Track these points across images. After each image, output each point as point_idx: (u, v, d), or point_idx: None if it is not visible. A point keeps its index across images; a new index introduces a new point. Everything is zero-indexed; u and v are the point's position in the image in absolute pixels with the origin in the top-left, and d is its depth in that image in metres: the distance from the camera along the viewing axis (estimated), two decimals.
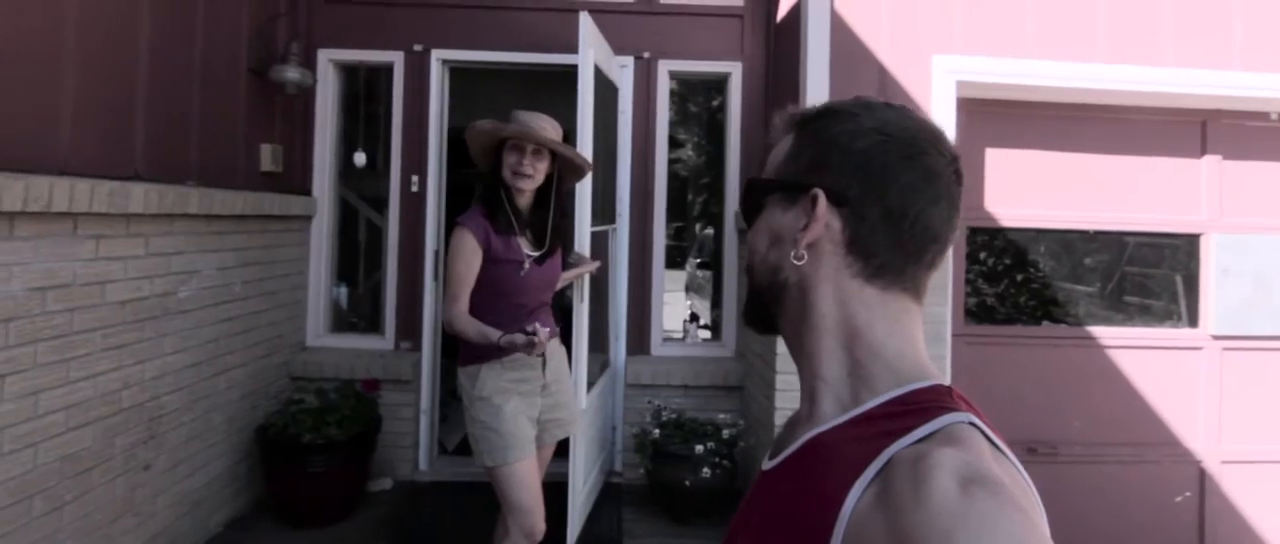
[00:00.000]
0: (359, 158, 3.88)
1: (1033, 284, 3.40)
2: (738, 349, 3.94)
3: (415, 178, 3.83)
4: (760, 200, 0.70)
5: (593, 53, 2.96)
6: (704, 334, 4.72)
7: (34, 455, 2.14)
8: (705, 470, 3.20)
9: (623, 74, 3.84)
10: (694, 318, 5.02)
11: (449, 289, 2.20)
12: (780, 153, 0.70)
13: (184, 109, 2.88)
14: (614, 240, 3.84)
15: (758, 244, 0.70)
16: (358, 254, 4.32)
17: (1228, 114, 3.31)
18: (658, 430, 3.40)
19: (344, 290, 4.12)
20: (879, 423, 0.58)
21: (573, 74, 2.91)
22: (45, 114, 2.22)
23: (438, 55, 3.81)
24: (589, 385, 3.02)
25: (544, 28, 3.79)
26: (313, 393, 3.34)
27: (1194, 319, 3.39)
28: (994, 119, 3.28)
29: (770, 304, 0.69)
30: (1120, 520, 3.28)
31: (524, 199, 2.29)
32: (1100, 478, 3.29)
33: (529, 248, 2.29)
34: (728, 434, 3.36)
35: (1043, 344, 3.35)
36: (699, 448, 3.23)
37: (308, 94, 3.72)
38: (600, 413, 3.52)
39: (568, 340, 2.70)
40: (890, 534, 0.47)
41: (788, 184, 0.67)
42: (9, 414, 2.06)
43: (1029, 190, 3.33)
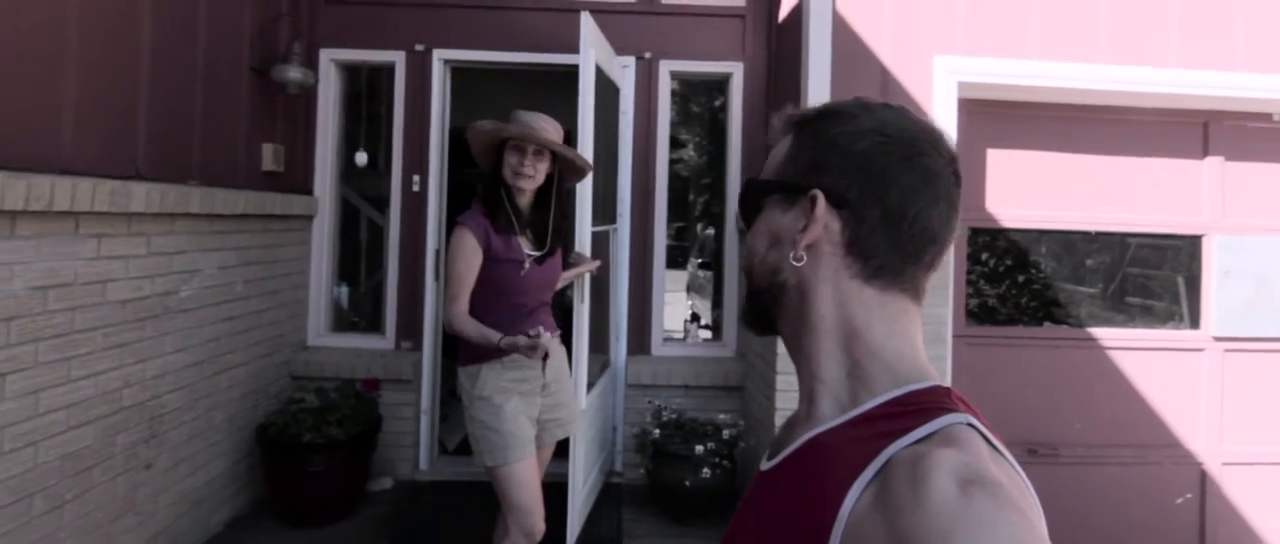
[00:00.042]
0: (360, 157, 3.89)
1: (1034, 285, 3.40)
2: (738, 349, 3.94)
3: (416, 177, 3.84)
4: (759, 201, 0.70)
5: (594, 53, 2.96)
6: (705, 334, 4.72)
7: (35, 454, 2.15)
8: (705, 471, 3.20)
9: (624, 74, 3.84)
10: (695, 318, 5.03)
11: (449, 288, 2.20)
12: (779, 154, 0.70)
13: (186, 108, 2.88)
14: (615, 240, 3.84)
15: (756, 245, 0.70)
16: (359, 254, 4.32)
17: (1230, 115, 3.31)
18: (658, 430, 3.40)
19: (345, 290, 4.12)
20: (877, 424, 0.58)
21: (574, 74, 2.91)
22: (47, 113, 2.22)
23: (439, 55, 3.82)
24: (589, 385, 3.02)
25: (545, 28, 3.79)
26: (313, 392, 3.34)
27: (1196, 320, 3.38)
28: (995, 120, 3.28)
29: (769, 305, 0.69)
30: (1121, 522, 3.28)
31: (524, 199, 2.30)
32: (1101, 479, 3.29)
33: (529, 247, 2.29)
34: (728, 434, 3.36)
35: (1044, 345, 3.34)
36: (699, 448, 3.23)
37: (309, 94, 3.73)
38: (600, 413, 3.52)
39: (568, 340, 2.70)
40: (889, 535, 0.47)
41: (787, 185, 0.67)
42: (10, 412, 2.06)
43: (1031, 191, 3.32)
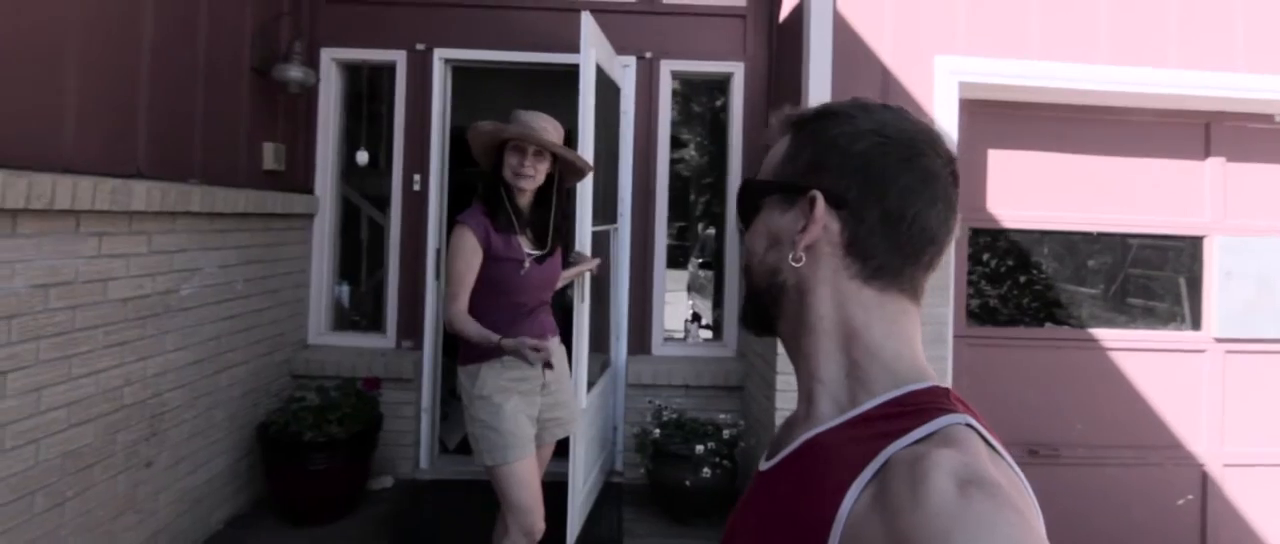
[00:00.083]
0: (361, 156, 3.89)
1: (1035, 286, 3.39)
2: (739, 349, 3.93)
3: (417, 176, 3.84)
4: (757, 202, 0.70)
5: (594, 52, 2.96)
6: (705, 334, 4.72)
7: (36, 452, 2.15)
8: (706, 470, 3.20)
9: (625, 74, 3.84)
10: (696, 318, 5.02)
11: (449, 287, 2.20)
12: (777, 154, 0.70)
13: (187, 107, 2.89)
14: (615, 240, 3.84)
15: (755, 246, 0.70)
16: (360, 252, 4.32)
17: (1231, 116, 3.30)
18: (658, 430, 3.40)
19: (346, 288, 4.12)
20: (876, 424, 0.58)
21: (575, 73, 2.90)
22: (48, 112, 2.22)
23: (440, 54, 3.82)
24: (590, 385, 3.02)
25: (546, 27, 3.79)
26: (314, 391, 3.34)
27: (1197, 321, 3.38)
28: (996, 120, 3.28)
29: (768, 306, 0.69)
30: (1122, 523, 3.27)
31: (524, 198, 2.30)
32: (1102, 480, 3.29)
33: (529, 246, 2.29)
34: (728, 434, 3.36)
35: (1045, 346, 3.34)
36: (699, 448, 3.23)
37: (310, 93, 3.73)
38: (601, 412, 3.52)
39: (568, 340, 2.70)
40: (888, 535, 0.47)
41: (785, 186, 0.67)
42: (11, 410, 2.06)
43: (1032, 192, 3.32)
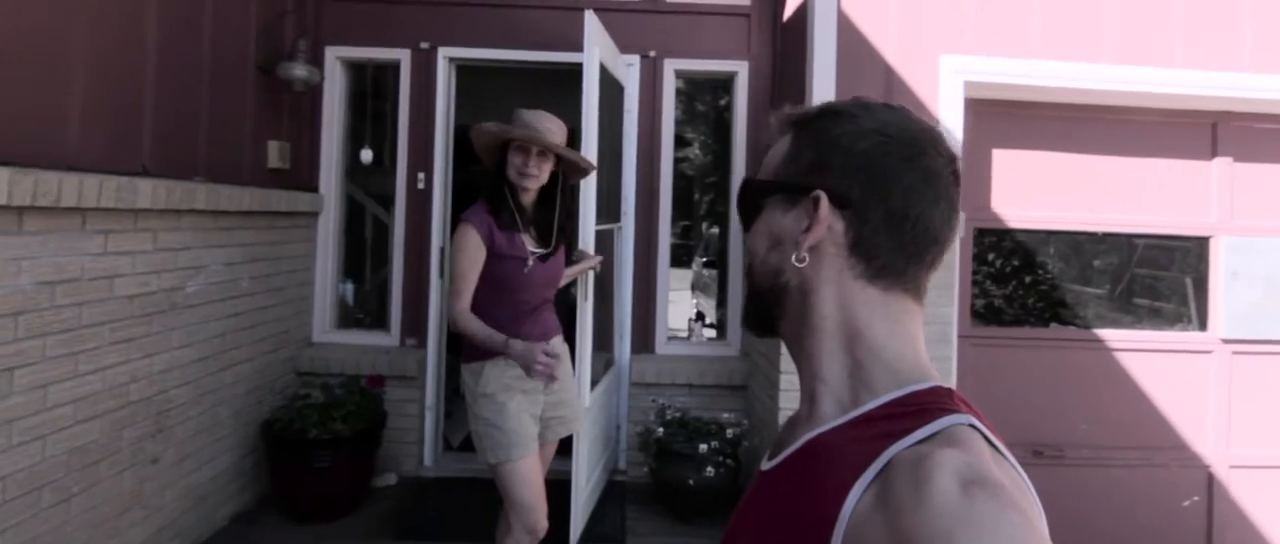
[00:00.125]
0: (366, 155, 3.89)
1: (1041, 286, 3.38)
2: (742, 348, 3.93)
3: (421, 175, 3.84)
4: (758, 202, 0.69)
5: (598, 52, 2.96)
6: (709, 333, 4.73)
7: (42, 448, 2.16)
8: (709, 469, 3.20)
9: (629, 73, 3.84)
10: (699, 317, 5.03)
11: (452, 284, 2.21)
12: (778, 153, 0.69)
13: (192, 106, 2.89)
14: (619, 239, 3.84)
15: (757, 246, 0.69)
16: (364, 250, 4.33)
17: (1238, 116, 3.29)
18: (662, 429, 3.40)
19: (350, 286, 4.13)
20: (879, 424, 0.57)
21: (579, 72, 2.90)
22: (54, 111, 2.23)
23: (444, 53, 3.82)
24: (593, 383, 3.02)
25: (550, 26, 3.79)
26: (318, 388, 3.35)
27: (1203, 322, 3.36)
28: (1002, 119, 3.27)
29: (770, 306, 0.69)
30: (1127, 524, 3.26)
31: (528, 197, 2.30)
32: (1107, 481, 3.27)
33: (533, 245, 2.29)
34: (732, 433, 3.36)
35: (1050, 346, 3.33)
36: (703, 447, 3.23)
37: (315, 91, 3.74)
38: (604, 411, 3.52)
39: (572, 338, 2.70)
40: (891, 535, 0.47)
41: (788, 185, 0.66)
42: (18, 407, 2.08)
43: (1037, 191, 3.31)
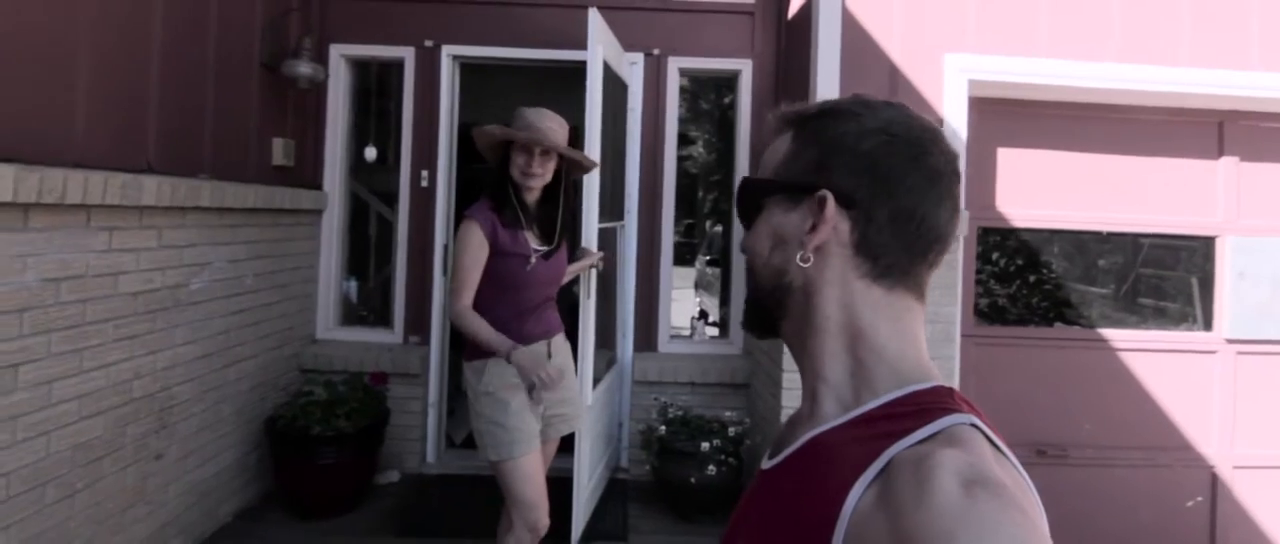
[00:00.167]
0: (370, 152, 3.90)
1: (1045, 285, 3.37)
2: (745, 347, 3.93)
3: (425, 173, 3.84)
4: (759, 202, 0.68)
5: (601, 50, 2.95)
6: (712, 331, 4.73)
7: (47, 444, 2.17)
8: (711, 467, 3.20)
9: (632, 71, 3.84)
10: (702, 315, 5.03)
11: (454, 281, 2.21)
12: (778, 152, 0.68)
13: (197, 103, 2.90)
14: (622, 237, 3.84)
15: (759, 247, 0.68)
16: (368, 248, 4.34)
17: (1245, 115, 3.27)
18: (664, 427, 3.40)
19: (354, 284, 4.14)
20: (880, 424, 0.57)
21: (583, 70, 2.90)
22: (59, 108, 2.24)
23: (448, 51, 3.82)
24: (595, 381, 3.03)
25: (554, 24, 3.79)
26: (322, 385, 3.36)
27: (1208, 322, 3.35)
28: (1006, 118, 3.26)
29: (772, 308, 0.68)
30: (1130, 524, 3.25)
31: (532, 195, 2.30)
32: (1110, 481, 3.27)
33: (536, 242, 2.29)
34: (734, 432, 3.36)
35: (1054, 346, 3.32)
36: (705, 445, 3.23)
37: (319, 89, 3.74)
38: (607, 409, 3.53)
39: (574, 336, 2.70)
40: (892, 534, 0.47)
41: (791, 185, 0.66)
42: (22, 403, 2.08)
43: (1042, 190, 3.30)
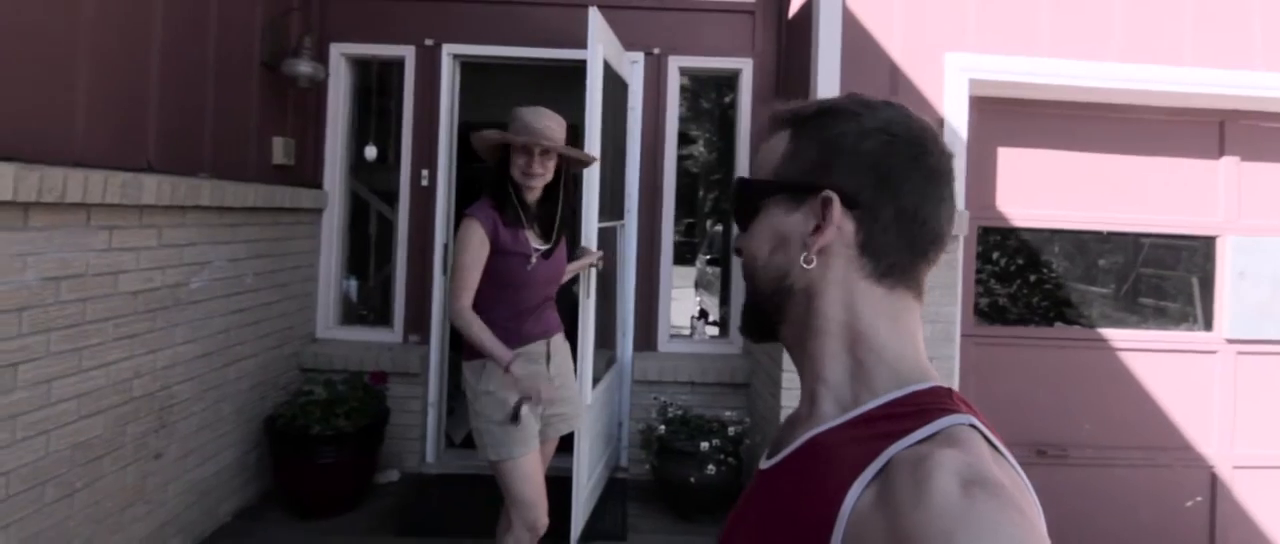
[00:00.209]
0: (370, 151, 3.90)
1: (1045, 285, 3.37)
2: (745, 346, 3.93)
3: (425, 172, 3.84)
4: (757, 203, 0.67)
5: (602, 49, 2.95)
6: (711, 331, 4.72)
7: (46, 443, 2.17)
8: (710, 467, 3.20)
9: (633, 70, 3.83)
10: (702, 314, 5.03)
11: (454, 281, 2.21)
12: (776, 152, 0.67)
13: (197, 102, 2.90)
14: (622, 236, 3.84)
15: (758, 249, 0.67)
16: (368, 247, 4.34)
17: (1246, 115, 3.27)
18: (663, 426, 3.40)
19: (354, 283, 4.14)
20: (879, 424, 0.57)
21: (584, 69, 2.90)
22: (59, 107, 2.24)
23: (449, 50, 3.82)
24: (595, 381, 3.03)
25: (555, 23, 3.79)
26: (322, 384, 3.36)
27: (1209, 322, 3.35)
28: (1007, 118, 3.25)
29: (772, 311, 0.67)
30: (1129, 524, 3.25)
31: (532, 194, 2.30)
32: (1110, 481, 3.27)
33: (536, 241, 2.29)
34: (733, 431, 3.36)
35: (1054, 345, 3.32)
36: (704, 444, 3.23)
37: (320, 88, 3.74)
38: (606, 408, 3.53)
39: (574, 335, 2.70)
40: (890, 534, 0.47)
41: (792, 185, 0.65)
42: (22, 402, 2.08)
43: (1042, 190, 3.29)
